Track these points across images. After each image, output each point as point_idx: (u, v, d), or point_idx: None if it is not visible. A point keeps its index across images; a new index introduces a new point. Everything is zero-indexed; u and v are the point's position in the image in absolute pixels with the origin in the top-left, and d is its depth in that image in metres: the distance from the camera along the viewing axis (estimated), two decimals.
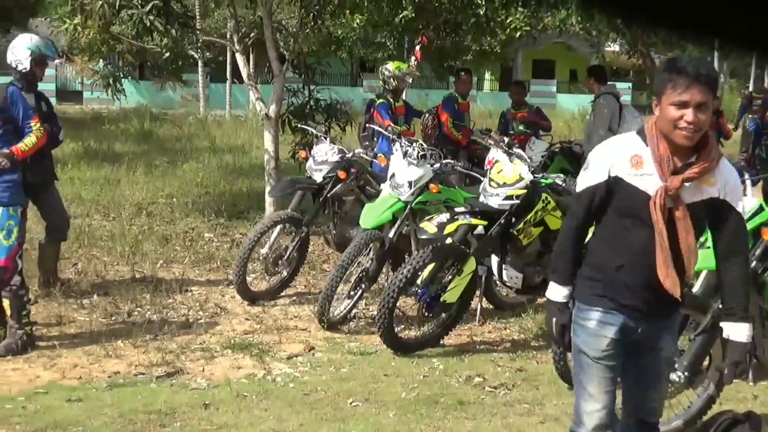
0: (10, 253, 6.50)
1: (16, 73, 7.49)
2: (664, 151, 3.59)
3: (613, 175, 3.66)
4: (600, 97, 10.89)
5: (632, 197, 3.64)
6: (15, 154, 6.45)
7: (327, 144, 8.75)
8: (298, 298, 8.49)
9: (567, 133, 22.51)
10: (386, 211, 7.53)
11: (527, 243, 7.04)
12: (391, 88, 10.73)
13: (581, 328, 3.87)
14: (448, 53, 18.82)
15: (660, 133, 3.61)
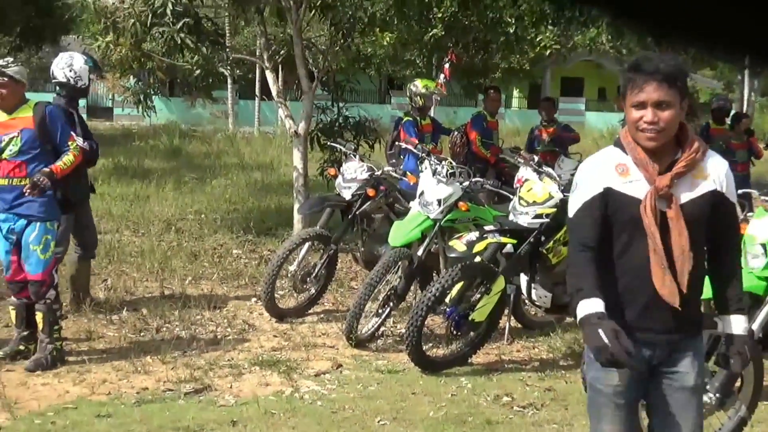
0: (47, 268, 6.60)
1: (68, 89, 7.81)
2: (643, 154, 3.43)
3: (604, 186, 3.46)
4: None
5: (625, 207, 3.43)
6: (54, 173, 6.52)
7: (356, 161, 8.76)
8: (326, 315, 8.49)
9: (595, 151, 22.41)
10: (415, 229, 7.52)
11: (556, 262, 7.01)
12: (418, 106, 10.75)
13: (590, 362, 3.56)
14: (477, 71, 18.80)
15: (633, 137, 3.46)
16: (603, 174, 3.48)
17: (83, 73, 7.92)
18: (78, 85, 7.90)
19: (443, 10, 13.66)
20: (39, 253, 6.54)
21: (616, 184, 3.45)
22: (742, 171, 12.59)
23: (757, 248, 5.54)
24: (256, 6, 10.55)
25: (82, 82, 7.91)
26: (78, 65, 7.90)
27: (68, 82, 7.86)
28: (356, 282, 9.61)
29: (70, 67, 7.86)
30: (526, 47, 16.88)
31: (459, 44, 15.20)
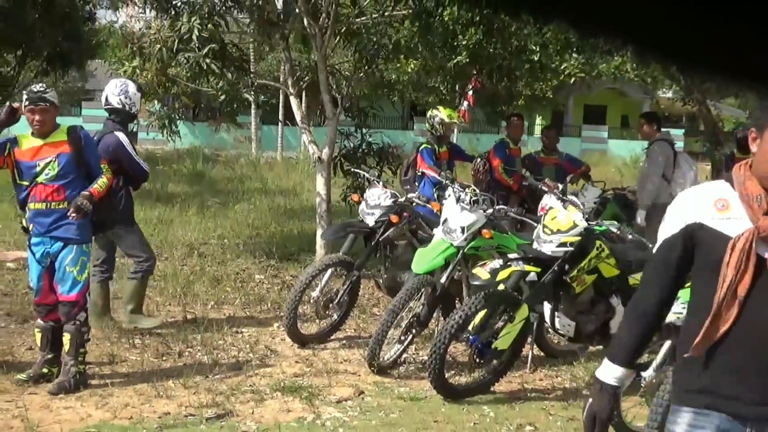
0: (82, 289, 6.72)
1: (122, 114, 8.16)
2: (753, 190, 2.91)
3: (694, 221, 3.02)
4: (654, 143, 10.82)
5: (718, 245, 2.91)
6: (94, 196, 6.62)
7: (380, 188, 8.77)
8: (348, 341, 8.48)
9: (619, 179, 22.36)
10: (438, 256, 7.51)
11: (580, 291, 6.98)
12: (438, 134, 10.72)
13: None
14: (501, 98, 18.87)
15: (748, 172, 2.95)
16: (698, 207, 3.04)
17: (136, 99, 8.25)
18: (132, 111, 8.24)
19: (468, 38, 13.70)
20: (75, 274, 6.65)
21: (710, 219, 2.99)
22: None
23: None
24: (281, 32, 10.61)
25: (135, 108, 8.27)
26: (132, 91, 8.21)
27: (123, 108, 8.17)
28: (378, 308, 9.60)
29: (126, 93, 8.17)
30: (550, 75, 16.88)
31: (483, 71, 15.24)
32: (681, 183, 10.72)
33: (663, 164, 10.63)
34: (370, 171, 9.58)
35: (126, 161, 8.07)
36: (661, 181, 10.64)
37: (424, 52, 13.70)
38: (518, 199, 11.45)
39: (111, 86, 8.29)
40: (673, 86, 17.29)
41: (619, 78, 15.61)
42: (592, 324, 7.14)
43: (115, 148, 8.00)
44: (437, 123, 10.68)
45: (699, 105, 14.05)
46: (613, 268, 7.05)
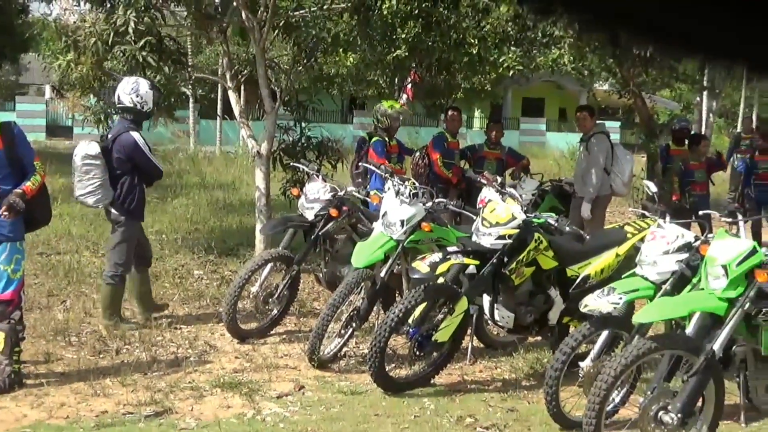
0: (16, 287, 6.59)
1: (135, 113, 8.28)
2: None
3: None
4: (593, 136, 10.93)
5: None
6: (26, 194, 6.56)
7: (319, 182, 8.75)
8: (288, 336, 8.45)
9: (557, 171, 22.57)
10: (378, 250, 7.51)
11: (519, 283, 7.05)
12: (384, 127, 10.72)
13: None
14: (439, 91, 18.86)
15: None
16: None
17: (148, 98, 8.29)
18: (144, 110, 8.31)
19: (407, 31, 13.71)
20: (10, 273, 6.54)
21: None
22: (701, 191, 12.70)
23: (717, 269, 5.59)
24: (219, 25, 10.52)
25: (147, 107, 8.32)
26: (143, 90, 8.25)
27: (134, 107, 8.27)
28: (319, 303, 9.58)
29: (136, 92, 8.25)
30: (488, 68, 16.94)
31: (422, 65, 15.26)
32: (620, 175, 10.88)
33: (603, 157, 10.77)
34: (310, 165, 9.54)
35: (141, 161, 8.25)
36: (603, 174, 10.79)
37: (363, 45, 13.68)
38: (457, 192, 11.48)
39: (123, 85, 8.36)
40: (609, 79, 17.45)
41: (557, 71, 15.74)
42: (531, 315, 7.21)
43: (130, 148, 8.16)
44: (381, 115, 10.67)
45: (634, 97, 14.22)
46: (551, 260, 7.12)
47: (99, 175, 8.09)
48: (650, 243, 6.42)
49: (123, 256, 8.31)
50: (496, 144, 12.22)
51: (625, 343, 6.28)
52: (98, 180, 8.08)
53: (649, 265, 6.30)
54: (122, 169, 8.21)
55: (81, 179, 8.08)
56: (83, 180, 8.08)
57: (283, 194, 11.63)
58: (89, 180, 8.07)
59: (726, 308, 5.61)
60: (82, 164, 8.04)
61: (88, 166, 8.05)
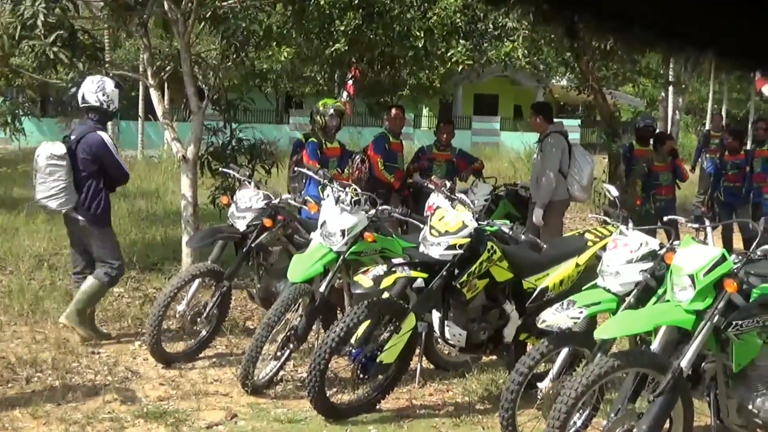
0: None
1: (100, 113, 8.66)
2: None
3: None
4: (548, 136, 10.99)
5: None
6: None
7: (251, 189, 8.73)
8: (218, 359, 8.41)
9: (512, 174, 22.74)
10: (316, 263, 7.50)
11: (471, 297, 7.08)
12: (322, 127, 10.71)
13: None
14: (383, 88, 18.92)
15: None
16: None
17: (114, 96, 8.71)
18: (110, 109, 8.74)
19: (346, 23, 13.71)
20: None
21: None
22: (667, 195, 12.85)
23: (684, 280, 5.66)
24: (139, 17, 10.44)
25: (114, 106, 8.75)
26: (109, 89, 8.65)
27: (101, 106, 8.62)
28: (252, 322, 9.55)
29: (103, 90, 8.62)
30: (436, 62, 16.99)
31: (363, 59, 15.27)
32: (578, 178, 10.92)
33: (558, 158, 10.79)
34: (241, 170, 9.50)
35: (108, 162, 8.57)
36: (558, 177, 10.80)
37: (298, 38, 13.70)
38: (400, 198, 11.50)
39: (88, 83, 8.66)
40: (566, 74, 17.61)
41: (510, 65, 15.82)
42: (485, 332, 7.25)
43: (97, 148, 8.47)
44: (318, 115, 10.66)
45: (594, 93, 14.34)
46: (506, 271, 7.17)
47: (63, 177, 8.32)
48: (612, 252, 6.48)
49: (116, 254, 8.72)
50: (446, 145, 12.26)
51: (586, 362, 6.34)
52: (62, 182, 8.31)
53: (611, 275, 6.36)
54: (88, 171, 8.45)
55: (44, 181, 8.31)
56: (47, 182, 8.31)
57: (211, 203, 11.57)
58: (53, 182, 8.30)
59: (694, 321, 5.68)
60: (46, 164, 8.28)
61: (53, 167, 8.28)
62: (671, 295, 5.78)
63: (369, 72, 16.16)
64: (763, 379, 5.94)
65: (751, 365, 5.88)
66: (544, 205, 10.84)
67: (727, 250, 5.97)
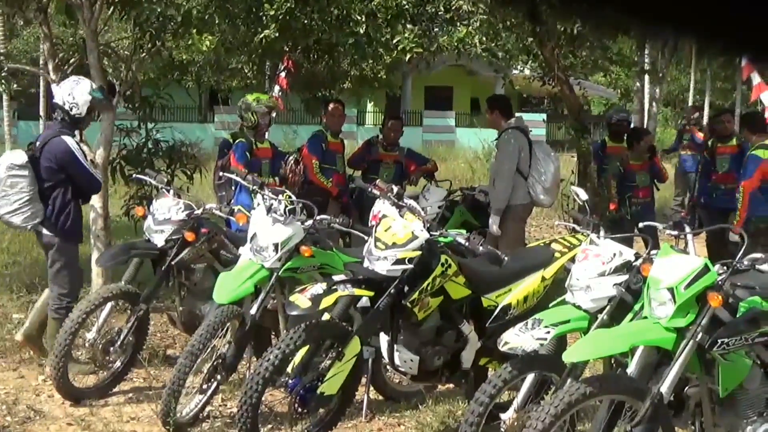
0: None
1: (63, 113, 8.65)
2: None
3: None
4: (504, 133, 10.99)
5: None
6: None
7: (170, 198, 8.69)
8: (135, 394, 8.36)
9: (469, 177, 22.83)
10: (246, 282, 7.48)
11: (424, 317, 7.07)
12: (252, 125, 10.68)
13: None
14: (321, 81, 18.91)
15: None
16: None
17: (81, 102, 8.66)
18: (72, 113, 8.66)
19: (276, 7, 13.67)
20: None
21: None
22: (644, 198, 12.83)
23: (663, 294, 5.69)
24: (38, 2, 10.37)
25: (77, 111, 8.66)
26: (79, 92, 8.66)
27: (63, 106, 8.68)
28: (174, 350, 9.52)
29: (70, 92, 8.62)
30: (380, 51, 17.01)
31: (297, 48, 15.23)
32: (541, 179, 10.84)
33: (517, 157, 10.74)
34: (158, 176, 9.45)
35: (75, 170, 8.53)
36: (517, 178, 10.75)
37: (222, 24, 13.63)
38: (341, 205, 11.48)
39: (65, 81, 8.84)
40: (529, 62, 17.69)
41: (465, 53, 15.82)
42: (440, 357, 7.25)
43: (62, 155, 8.46)
44: (246, 111, 10.64)
45: (561, 84, 14.40)
46: (463, 287, 7.17)
47: (27, 188, 8.38)
48: (582, 263, 6.51)
49: (67, 284, 8.61)
50: (394, 145, 12.28)
51: (555, 388, 6.37)
52: (26, 194, 8.38)
53: (581, 290, 6.40)
54: (53, 180, 8.49)
55: (5, 194, 8.35)
56: (9, 195, 8.36)
57: (125, 214, 11.51)
58: (16, 195, 8.36)
59: (674, 340, 5.71)
60: (6, 176, 8.33)
61: (15, 178, 8.34)
62: (649, 311, 5.82)
63: (304, 62, 16.12)
64: (753, 404, 5.99)
65: (739, 389, 5.92)
66: (500, 211, 10.80)
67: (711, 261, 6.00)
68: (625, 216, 12.36)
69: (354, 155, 12.75)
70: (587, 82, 21.35)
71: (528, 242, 11.36)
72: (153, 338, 9.39)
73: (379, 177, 11.34)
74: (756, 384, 5.98)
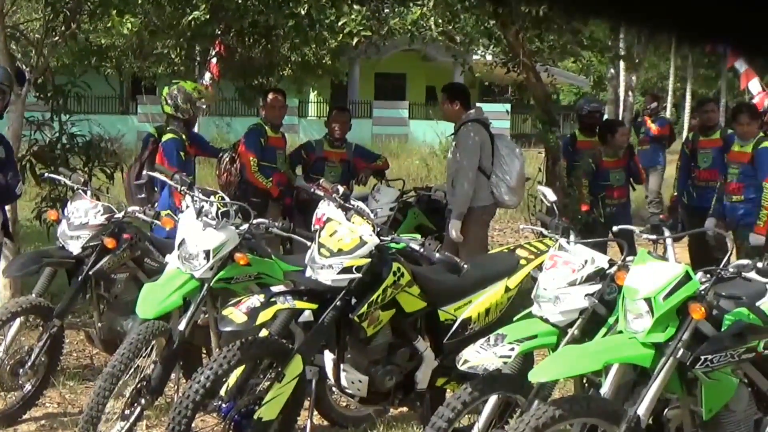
0: None
1: None
2: None
3: None
4: (463, 126, 10.86)
5: None
6: None
7: (87, 199, 8.64)
8: (48, 421, 8.31)
9: (424, 175, 22.88)
10: (174, 294, 7.46)
11: (374, 333, 7.06)
12: (186, 117, 10.54)
13: None
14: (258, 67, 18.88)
15: None
16: None
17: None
18: None
19: None
20: None
21: None
22: (620, 198, 12.84)
23: (639, 305, 5.71)
24: None
25: None
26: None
27: None
28: (92, 371, 9.46)
29: None
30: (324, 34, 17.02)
31: (230, 31, 15.20)
32: (506, 178, 10.71)
33: (477, 152, 10.62)
34: (74, 175, 9.39)
35: None
36: (479, 177, 10.63)
37: (145, 5, 13.58)
38: (281, 208, 11.44)
39: None
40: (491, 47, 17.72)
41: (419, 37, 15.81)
42: (392, 378, 7.25)
43: None
44: (182, 101, 10.49)
45: (526, 71, 14.42)
46: (418, 299, 7.18)
47: None
48: (550, 271, 6.53)
49: None
50: (340, 140, 12.25)
51: (520, 411, 6.39)
52: None
53: (549, 301, 6.41)
54: None
55: None
56: None
57: (36, 218, 11.45)
58: None
59: (653, 357, 5.74)
60: None
61: None
62: (624, 324, 5.85)
63: (238, 47, 16.10)
64: (740, 427, 6.04)
65: (724, 410, 5.96)
66: (462, 215, 10.63)
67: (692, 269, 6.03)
68: (598, 218, 12.35)
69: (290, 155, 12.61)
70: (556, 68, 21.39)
71: (490, 248, 11.34)
72: (68, 358, 9.34)
73: (323, 176, 11.26)
74: (743, 405, 6.03)
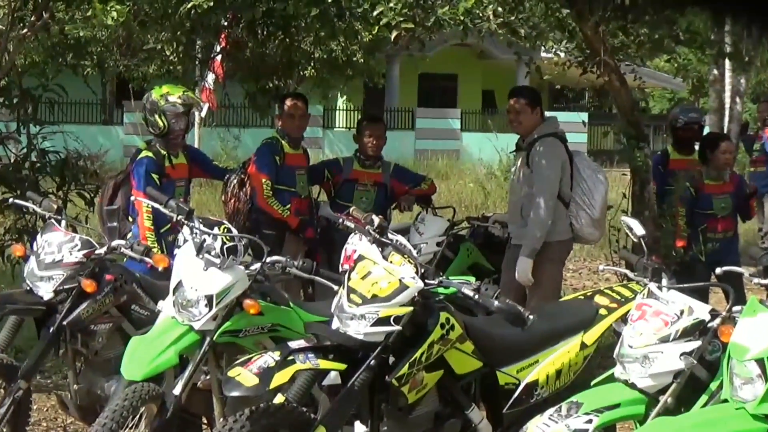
0: None
1: None
2: None
3: None
4: (537, 142, 10.59)
5: None
6: None
7: (61, 231, 8.66)
8: None
9: (480, 201, 22.79)
10: (168, 350, 7.46)
11: (416, 400, 7.04)
12: (159, 133, 10.37)
13: None
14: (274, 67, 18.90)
15: None
16: None
17: None
18: None
19: None
20: None
21: None
22: (725, 231, 12.67)
23: (749, 367, 5.68)
24: None
25: None
26: None
27: None
28: None
29: None
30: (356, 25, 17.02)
31: (239, 22, 15.22)
32: (587, 206, 10.44)
33: (558, 176, 10.44)
34: (44, 201, 9.40)
35: None
36: (556, 203, 10.35)
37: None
38: (302, 242, 11.33)
39: None
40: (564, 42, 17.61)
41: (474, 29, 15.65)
42: None
43: None
44: (150, 113, 10.36)
45: (608, 73, 14.35)
46: (471, 358, 7.15)
47: None
48: (637, 324, 6.51)
49: None
50: (374, 158, 12.17)
51: None
52: None
53: (635, 362, 6.39)
54: None
55: None
56: None
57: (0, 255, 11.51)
58: None
59: None
60: None
61: None
62: (730, 391, 5.82)
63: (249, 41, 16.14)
64: None
65: None
66: (535, 252, 10.33)
67: None
68: (698, 257, 12.19)
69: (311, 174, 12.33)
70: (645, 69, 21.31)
71: (563, 294, 11.18)
72: (36, 429, 9.37)
73: (354, 203, 11.07)
74: None
